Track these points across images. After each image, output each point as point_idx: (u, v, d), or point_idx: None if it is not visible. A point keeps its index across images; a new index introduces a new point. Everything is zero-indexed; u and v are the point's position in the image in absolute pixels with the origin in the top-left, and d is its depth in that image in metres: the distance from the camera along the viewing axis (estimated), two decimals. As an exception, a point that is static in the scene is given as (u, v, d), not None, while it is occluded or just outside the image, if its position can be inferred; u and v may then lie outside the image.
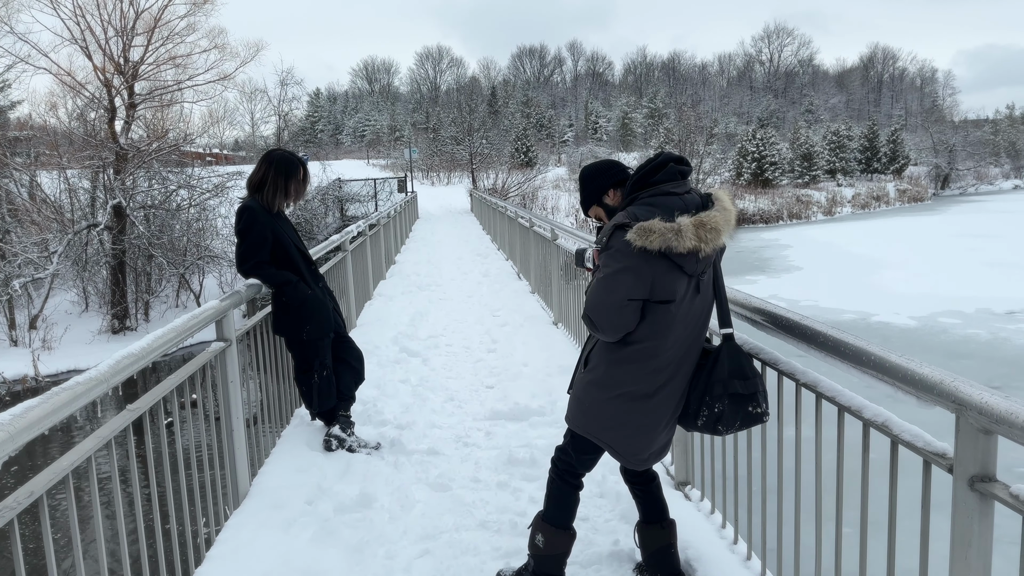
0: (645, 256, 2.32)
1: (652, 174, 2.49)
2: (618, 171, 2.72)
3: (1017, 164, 74.08)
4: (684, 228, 2.29)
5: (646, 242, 2.29)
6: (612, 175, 2.71)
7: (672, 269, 2.38)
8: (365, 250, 9.94)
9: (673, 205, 2.39)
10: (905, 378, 1.84)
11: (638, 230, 2.29)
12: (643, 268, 2.35)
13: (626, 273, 2.36)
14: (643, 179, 2.51)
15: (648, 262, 2.34)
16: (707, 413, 2.53)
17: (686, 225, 2.30)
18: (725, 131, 74.09)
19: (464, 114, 53.83)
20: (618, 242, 2.36)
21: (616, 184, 2.70)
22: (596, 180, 2.73)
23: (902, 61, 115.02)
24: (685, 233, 2.29)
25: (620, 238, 2.35)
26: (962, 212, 45.16)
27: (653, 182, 2.48)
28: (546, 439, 4.45)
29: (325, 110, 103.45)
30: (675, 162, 2.51)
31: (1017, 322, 16.56)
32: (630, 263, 2.34)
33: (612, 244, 2.39)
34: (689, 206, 2.42)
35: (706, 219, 2.33)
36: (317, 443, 4.31)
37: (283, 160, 4.09)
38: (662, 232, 2.28)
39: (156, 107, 26.08)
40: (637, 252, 2.31)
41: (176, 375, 2.93)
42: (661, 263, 2.35)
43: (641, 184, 2.51)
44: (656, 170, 2.49)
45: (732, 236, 2.43)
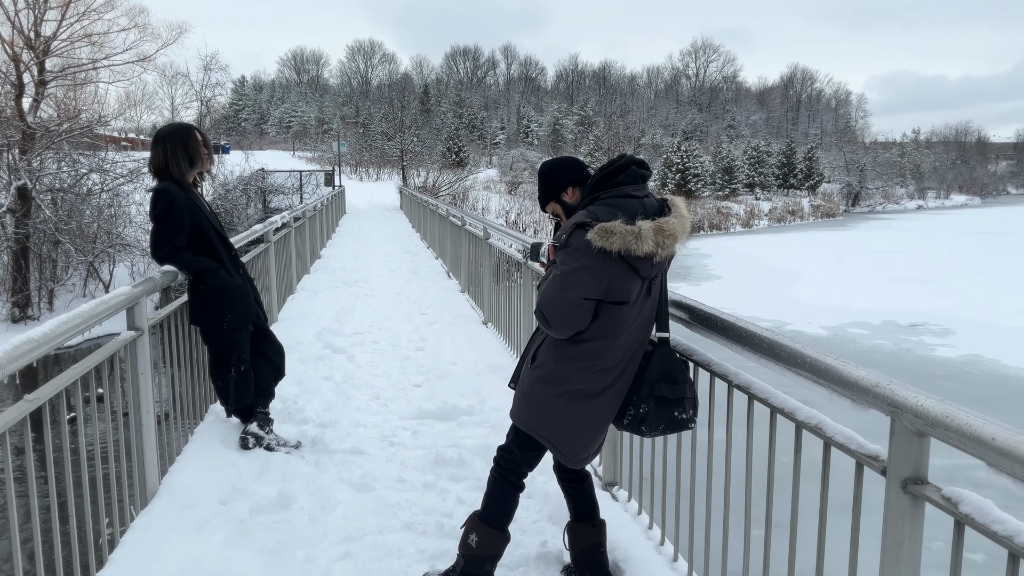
0: (604, 257, 2.32)
1: (614, 175, 2.49)
2: (579, 169, 2.70)
3: (921, 186, 78.54)
4: (644, 232, 2.30)
5: (606, 243, 2.28)
6: (572, 172, 2.69)
7: (628, 271, 2.38)
8: (289, 242, 9.64)
9: (633, 208, 2.40)
10: (840, 381, 1.85)
11: (599, 230, 2.29)
12: (601, 268, 2.34)
13: (584, 272, 2.35)
14: (604, 180, 2.51)
15: (606, 263, 2.34)
16: (632, 413, 2.55)
17: (646, 229, 2.31)
18: (652, 142, 75.80)
19: (396, 110, 53.33)
20: (578, 240, 2.35)
21: (576, 182, 2.68)
22: (556, 176, 2.70)
23: (819, 83, 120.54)
24: (645, 237, 2.30)
25: (580, 237, 2.34)
26: (870, 229, 47.48)
27: (614, 183, 2.48)
28: (475, 439, 4.37)
29: (250, 98, 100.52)
30: (637, 165, 2.52)
31: (919, 334, 17.47)
32: (589, 262, 2.34)
33: (572, 242, 2.37)
34: (648, 210, 2.43)
35: (665, 225, 2.35)
36: (233, 441, 4.10)
37: (173, 131, 3.88)
38: (623, 234, 2.28)
39: (68, 86, 24.73)
40: (597, 252, 2.31)
41: (81, 364, 2.72)
42: (618, 265, 2.35)
43: (602, 184, 2.51)
44: (618, 172, 2.49)
45: (685, 244, 2.44)
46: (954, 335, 17.16)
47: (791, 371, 2.06)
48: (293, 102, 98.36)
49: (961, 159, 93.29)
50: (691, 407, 2.53)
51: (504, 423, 4.53)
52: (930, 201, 75.80)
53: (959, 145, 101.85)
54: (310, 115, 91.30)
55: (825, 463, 1.99)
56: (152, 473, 3.44)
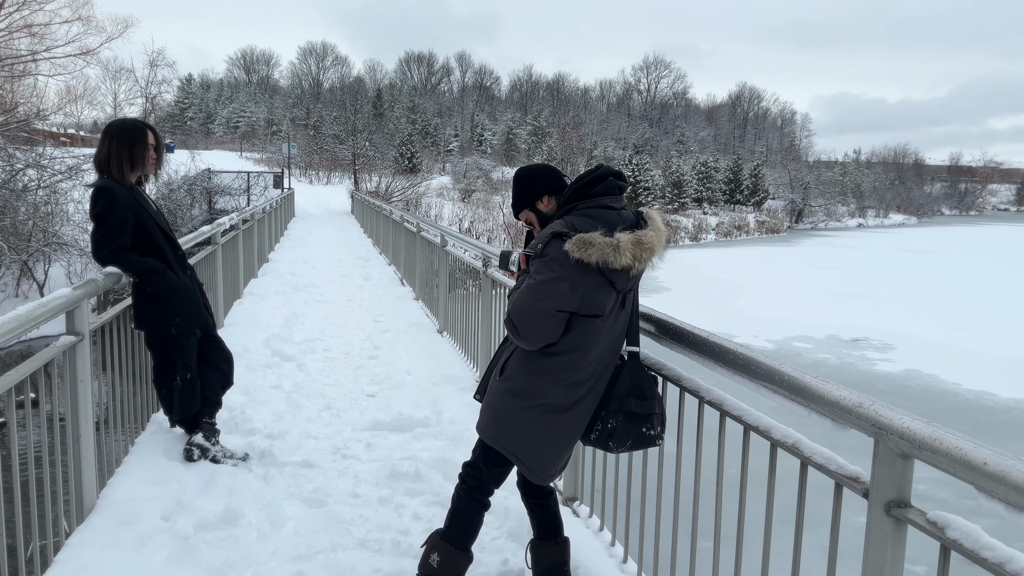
0: (581, 268, 2.27)
1: (591, 186, 2.45)
2: (555, 177, 2.63)
3: (861, 204, 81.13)
4: (623, 244, 2.26)
5: (584, 254, 2.23)
6: (548, 181, 2.62)
7: (604, 284, 2.33)
8: (237, 245, 9.36)
9: (612, 220, 2.36)
10: (820, 400, 1.82)
11: (577, 241, 2.24)
12: (577, 280, 2.29)
13: (560, 283, 2.29)
14: (582, 190, 2.46)
15: (583, 275, 2.29)
16: (600, 428, 2.49)
17: (625, 242, 2.27)
18: (604, 154, 76.61)
19: (348, 114, 52.66)
20: (555, 251, 2.29)
21: (552, 191, 2.61)
22: (532, 184, 2.63)
23: (766, 102, 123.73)
24: (623, 250, 2.26)
25: (557, 247, 2.28)
26: (813, 245, 48.80)
27: (592, 194, 2.44)
28: (431, 452, 4.26)
29: (197, 97, 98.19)
30: (614, 176, 2.47)
31: (861, 349, 17.96)
32: (565, 273, 2.28)
33: (548, 252, 2.31)
34: (625, 222, 2.39)
35: (644, 238, 2.31)
36: (176, 452, 3.91)
37: (123, 128, 3.68)
38: (601, 246, 2.24)
39: (5, 78, 23.71)
40: (574, 263, 2.26)
41: (15, 371, 2.53)
42: (594, 277, 2.31)
43: (579, 194, 2.46)
44: (596, 182, 2.45)
45: (663, 257, 2.40)
46: (894, 350, 17.69)
47: (767, 389, 2.03)
48: (241, 102, 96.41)
49: (899, 180, 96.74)
50: (659, 423, 2.49)
51: (462, 435, 4.46)
52: (870, 219, 78.38)
53: (897, 166, 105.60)
54: (259, 116, 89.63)
55: (802, 483, 1.96)
56: (90, 486, 3.24)
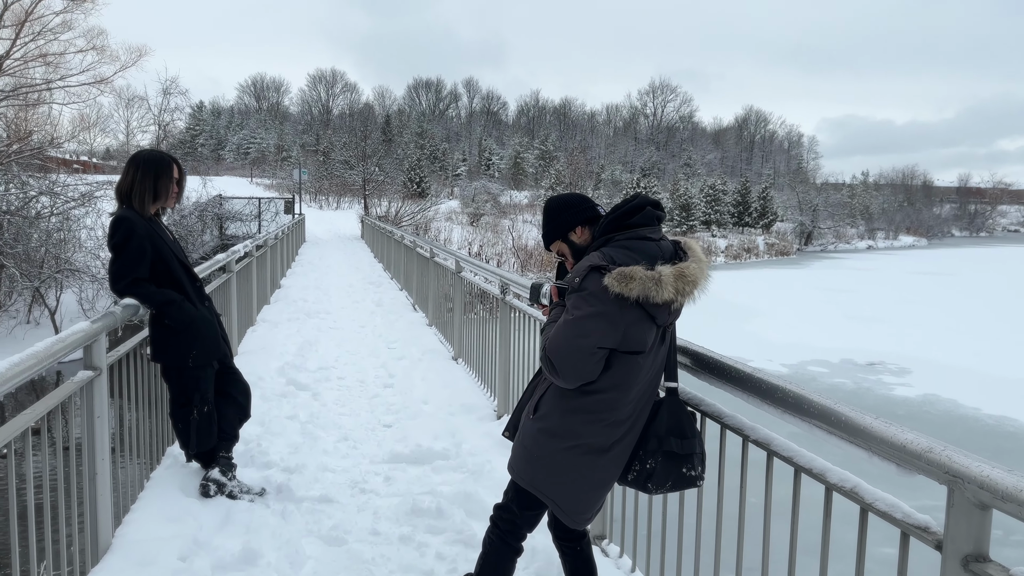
0: (621, 303, 2.18)
1: (629, 216, 2.36)
2: (589, 208, 2.54)
3: (870, 226, 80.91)
4: (664, 278, 2.17)
5: (624, 289, 2.14)
6: (582, 211, 2.53)
7: (644, 319, 2.24)
8: (251, 272, 9.33)
9: (651, 251, 2.28)
10: (883, 443, 1.71)
11: (617, 275, 2.14)
12: (617, 315, 2.19)
13: (599, 319, 2.19)
14: (618, 220, 2.37)
15: (623, 310, 2.19)
16: (638, 468, 2.39)
17: (667, 275, 2.17)
18: (611, 177, 76.79)
19: (358, 139, 53.00)
20: (593, 285, 2.19)
21: (586, 221, 2.52)
22: (564, 214, 2.54)
23: (772, 124, 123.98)
24: (665, 283, 2.16)
25: (596, 281, 2.19)
26: (824, 267, 48.56)
27: (629, 224, 2.35)
28: (451, 485, 4.14)
29: (208, 124, 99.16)
30: (652, 206, 2.39)
31: (877, 373, 17.73)
32: (604, 308, 2.18)
33: (586, 286, 2.22)
34: (665, 253, 2.31)
35: (686, 271, 2.22)
36: (193, 488, 3.81)
37: (150, 160, 3.66)
38: (642, 280, 2.14)
39: (20, 106, 23.97)
40: (613, 298, 2.16)
41: (31, 411, 2.45)
42: (635, 312, 2.21)
43: (616, 225, 2.37)
44: (633, 212, 2.36)
45: (705, 290, 2.30)
46: (911, 374, 17.46)
47: (821, 429, 1.92)
48: (252, 128, 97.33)
49: (908, 201, 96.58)
50: (700, 463, 2.38)
51: (482, 469, 4.34)
52: (879, 241, 78.09)
53: (906, 188, 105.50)
54: (269, 142, 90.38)
55: (862, 532, 1.85)
56: (105, 525, 3.14)
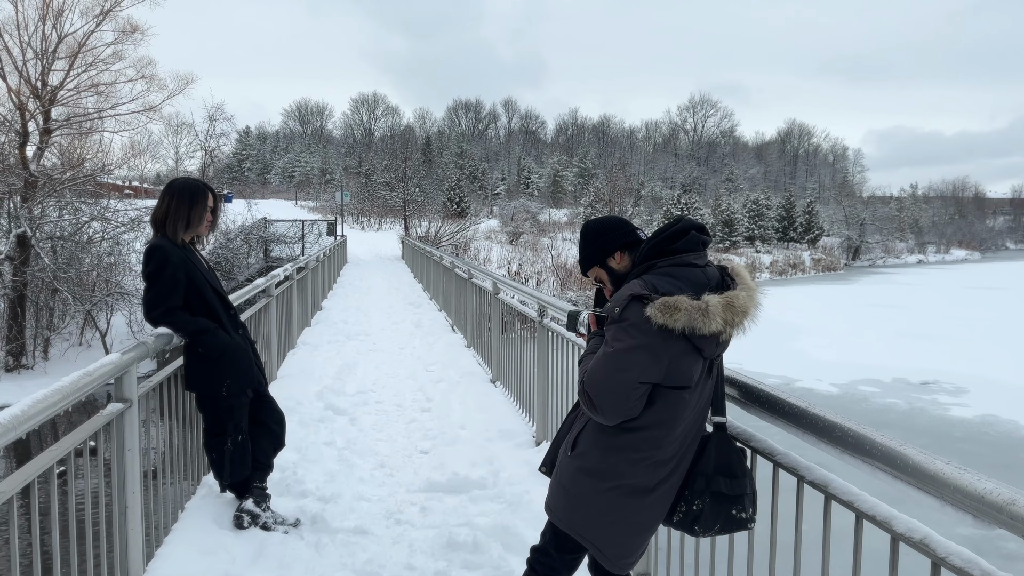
0: (664, 335, 2.02)
1: (672, 240, 2.21)
2: (629, 232, 2.41)
3: (920, 240, 78.82)
4: (712, 308, 2.01)
5: (669, 320, 1.99)
6: (622, 235, 2.39)
7: (690, 351, 2.08)
8: (291, 295, 9.37)
9: (696, 279, 2.12)
10: (958, 492, 1.54)
11: (661, 306, 1.99)
12: (660, 348, 2.04)
13: (641, 352, 2.04)
14: (661, 245, 2.22)
15: (667, 342, 2.04)
16: (685, 509, 2.23)
17: (714, 305, 2.02)
18: (651, 194, 76.33)
19: (399, 161, 53.64)
20: (635, 315, 2.05)
21: (626, 246, 2.38)
22: (603, 238, 2.40)
23: (816, 138, 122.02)
24: (713, 314, 2.01)
25: (638, 311, 2.04)
26: (872, 283, 47.34)
27: (672, 250, 2.20)
28: (488, 516, 4.02)
29: (254, 148, 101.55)
30: (697, 230, 2.24)
31: (931, 392, 17.07)
32: (647, 341, 2.03)
33: (627, 316, 2.07)
34: (711, 281, 2.15)
35: (735, 300, 2.07)
36: (226, 519, 3.76)
37: (185, 188, 3.64)
38: (688, 310, 1.99)
39: (73, 134, 24.78)
40: (657, 329, 2.01)
41: (59, 446, 2.41)
42: (680, 344, 2.05)
43: (658, 251, 2.22)
44: (677, 237, 2.21)
45: (756, 319, 2.14)
46: (967, 394, 16.77)
47: (886, 473, 1.76)
48: (296, 152, 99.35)
49: (959, 214, 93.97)
50: (751, 504, 2.21)
51: (520, 499, 4.20)
52: (930, 255, 76.01)
53: (956, 200, 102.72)
54: (313, 165, 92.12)
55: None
56: (136, 560, 3.09)
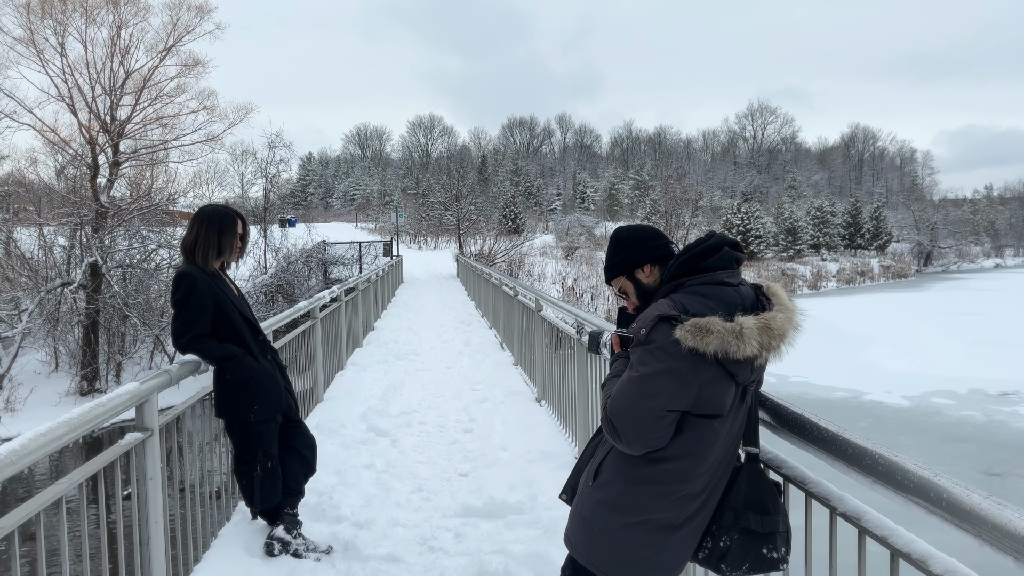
0: (695, 359, 1.86)
1: (703, 257, 2.05)
2: (661, 245, 2.22)
3: (997, 243, 75.31)
4: (747, 331, 1.84)
5: (700, 343, 1.83)
6: (653, 248, 2.21)
7: (723, 377, 1.91)
8: (339, 316, 9.44)
9: (730, 299, 1.96)
10: (997, 531, 1.36)
11: (692, 328, 1.84)
12: (690, 373, 1.87)
13: (669, 377, 1.88)
14: (691, 262, 2.06)
15: (697, 367, 1.87)
16: (711, 545, 2.06)
17: (750, 327, 1.85)
18: (710, 204, 75.11)
19: (454, 180, 54.19)
20: (662, 337, 1.88)
21: (656, 259, 2.21)
22: (633, 248, 2.22)
23: (882, 141, 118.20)
24: (748, 337, 1.84)
25: (665, 333, 1.88)
26: (946, 289, 45.37)
27: (704, 267, 2.04)
28: (523, 544, 3.89)
29: (316, 174, 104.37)
30: (730, 247, 2.08)
31: (1012, 404, 16.17)
32: (675, 365, 1.87)
33: (655, 339, 1.90)
34: (746, 301, 1.99)
35: (772, 322, 1.89)
36: (257, 547, 3.73)
37: (214, 215, 3.67)
38: (721, 333, 1.83)
39: (141, 166, 25.83)
40: (686, 353, 1.85)
41: (68, 479, 2.40)
42: (711, 369, 1.89)
43: (688, 268, 2.06)
44: (708, 253, 2.05)
45: (794, 343, 1.96)
46: (1052, 405, 15.82)
47: (920, 507, 1.58)
48: (357, 176, 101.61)
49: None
50: (784, 544, 2.02)
51: (557, 526, 4.05)
52: (1008, 259, 72.50)
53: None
54: (372, 188, 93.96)
55: (978, 639, 1.49)
56: (162, 590, 3.07)
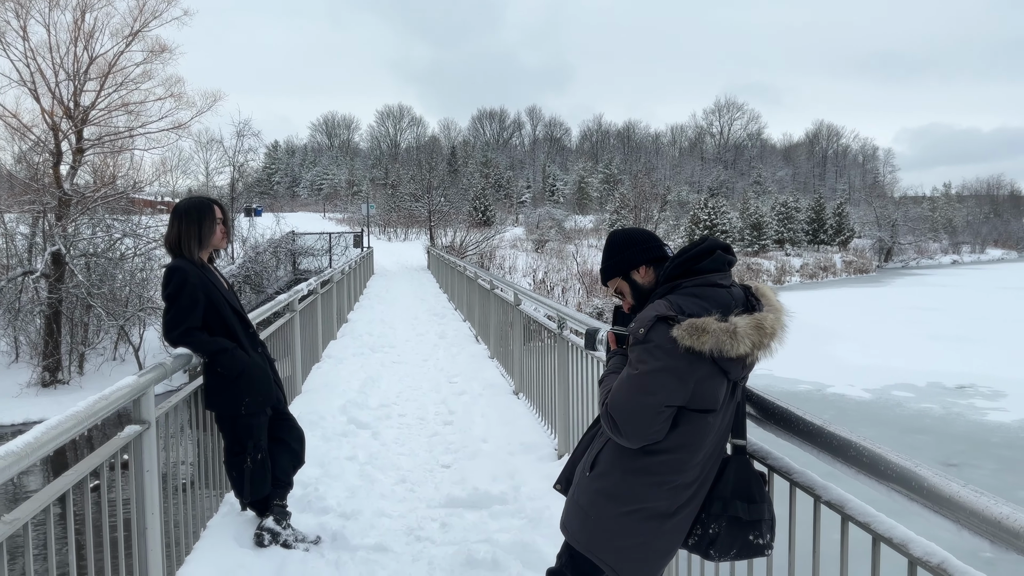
0: (691, 357, 1.98)
1: (697, 260, 2.17)
2: (656, 247, 2.34)
3: (955, 240, 77.32)
4: (740, 330, 1.97)
5: (696, 342, 1.95)
6: (648, 251, 2.33)
7: (716, 374, 2.04)
8: (315, 309, 9.44)
9: (723, 300, 2.09)
10: (974, 516, 1.49)
11: (688, 327, 1.96)
12: (686, 371, 2.00)
13: (667, 374, 2.00)
14: (685, 264, 2.18)
15: (693, 364, 2.00)
16: (700, 532, 2.19)
17: (743, 327, 1.98)
18: (677, 199, 75.83)
19: (424, 172, 54.01)
20: (660, 337, 2.01)
21: (651, 261, 2.33)
22: (629, 250, 2.34)
23: (845, 138, 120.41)
24: (741, 336, 1.96)
25: (663, 332, 2.00)
26: (906, 285, 46.50)
27: (698, 269, 2.16)
28: (508, 533, 3.99)
29: (283, 162, 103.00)
30: (723, 250, 2.20)
31: (968, 397, 16.69)
32: (673, 363, 1.99)
33: (652, 338, 2.02)
34: (737, 301, 2.12)
35: (764, 322, 2.02)
36: (247, 537, 3.78)
37: (191, 207, 3.70)
38: (716, 333, 1.95)
39: (105, 153, 25.32)
40: (683, 352, 1.97)
41: (74, 470, 2.43)
42: (706, 366, 2.02)
43: (683, 270, 2.18)
44: (702, 256, 2.17)
45: (783, 341, 2.10)
46: (1005, 398, 16.38)
47: (901, 495, 1.70)
48: (324, 165, 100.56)
49: (994, 213, 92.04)
50: (769, 530, 2.16)
51: (541, 515, 4.17)
52: (965, 256, 74.49)
53: (991, 199, 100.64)
54: (340, 178, 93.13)
55: (955, 616, 1.62)
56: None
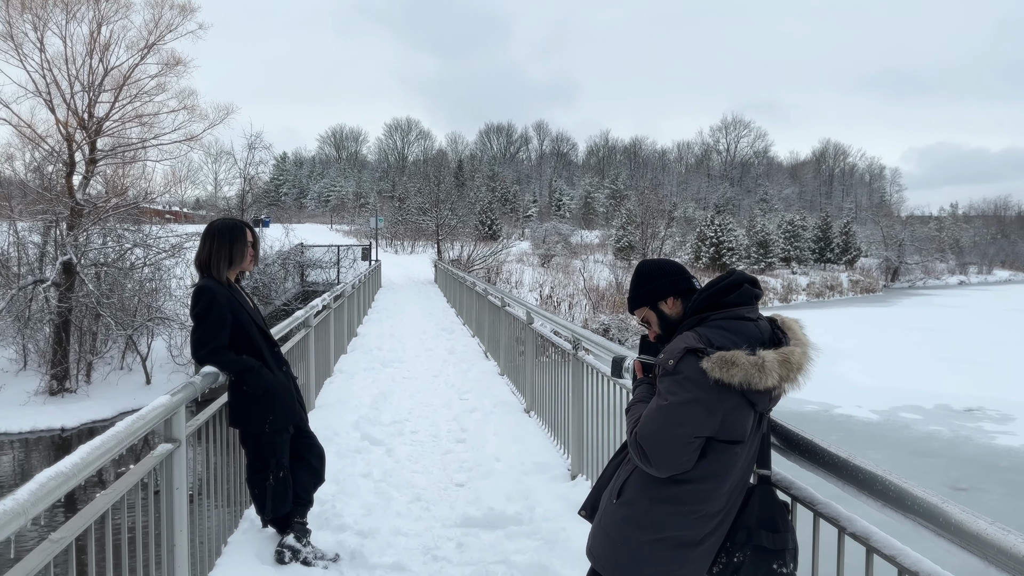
0: (720, 389, 2.04)
1: (725, 293, 2.24)
2: (684, 279, 2.41)
3: (961, 261, 77.13)
4: (768, 364, 2.03)
5: (726, 375, 2.01)
6: (676, 283, 2.40)
7: (744, 405, 2.10)
8: (328, 324, 9.51)
9: (750, 333, 2.15)
10: (1002, 554, 1.53)
11: (718, 360, 2.02)
12: (715, 402, 2.06)
13: (696, 406, 2.05)
14: (714, 297, 2.25)
15: (721, 396, 2.05)
16: (725, 561, 2.23)
17: (771, 361, 2.04)
18: (684, 215, 75.95)
19: (431, 185, 54.22)
20: (690, 369, 2.06)
21: (679, 293, 2.40)
22: (658, 281, 2.41)
23: (852, 157, 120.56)
24: (769, 370, 2.02)
25: (692, 364, 2.06)
26: (912, 305, 46.39)
27: (726, 303, 2.23)
28: (525, 554, 4.03)
29: (291, 174, 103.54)
30: (750, 284, 2.27)
31: (976, 420, 16.64)
32: (702, 395, 2.05)
33: (682, 369, 2.08)
34: (764, 335, 2.17)
35: (791, 356, 2.08)
36: (268, 554, 3.83)
37: (223, 229, 3.79)
38: (745, 366, 2.01)
39: (118, 164, 25.51)
40: (712, 384, 2.03)
41: (112, 489, 2.49)
42: (734, 398, 2.07)
43: (711, 303, 2.25)
44: (730, 290, 2.24)
45: (809, 375, 2.16)
46: (1014, 421, 16.33)
47: (929, 530, 1.75)
48: (332, 177, 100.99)
49: (1002, 233, 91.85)
50: (792, 560, 2.20)
51: (557, 537, 4.21)
52: (972, 276, 74.29)
53: (999, 219, 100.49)
54: (348, 190, 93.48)
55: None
56: (182, 596, 3.16)
